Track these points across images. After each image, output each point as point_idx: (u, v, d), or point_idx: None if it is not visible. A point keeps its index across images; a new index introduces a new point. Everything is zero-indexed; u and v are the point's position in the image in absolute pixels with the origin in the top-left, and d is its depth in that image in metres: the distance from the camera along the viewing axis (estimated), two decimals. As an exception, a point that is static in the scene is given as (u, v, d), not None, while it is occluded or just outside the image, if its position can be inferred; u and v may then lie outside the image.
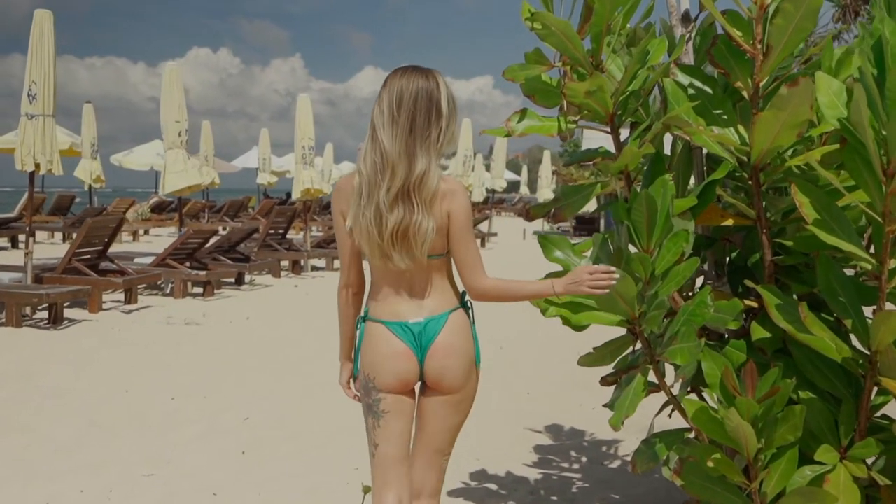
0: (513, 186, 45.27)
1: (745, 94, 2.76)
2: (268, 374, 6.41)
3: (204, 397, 5.65)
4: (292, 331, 8.33)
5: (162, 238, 20.93)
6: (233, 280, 11.75)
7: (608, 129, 2.90)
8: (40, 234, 20.51)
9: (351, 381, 2.71)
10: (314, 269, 14.22)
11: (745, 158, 2.75)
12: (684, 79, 2.91)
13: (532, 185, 43.09)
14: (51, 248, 17.62)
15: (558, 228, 30.61)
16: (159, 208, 25.62)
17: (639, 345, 2.94)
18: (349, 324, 2.64)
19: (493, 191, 26.66)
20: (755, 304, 2.90)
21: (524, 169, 45.11)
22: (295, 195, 13.90)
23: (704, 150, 3.02)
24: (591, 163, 3.26)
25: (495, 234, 23.17)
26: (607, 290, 2.41)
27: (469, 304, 2.57)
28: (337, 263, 14.59)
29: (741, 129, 2.82)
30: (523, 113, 2.84)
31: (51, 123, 8.66)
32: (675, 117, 2.67)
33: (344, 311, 2.64)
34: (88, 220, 9.19)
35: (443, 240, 2.43)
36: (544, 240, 2.83)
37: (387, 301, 2.49)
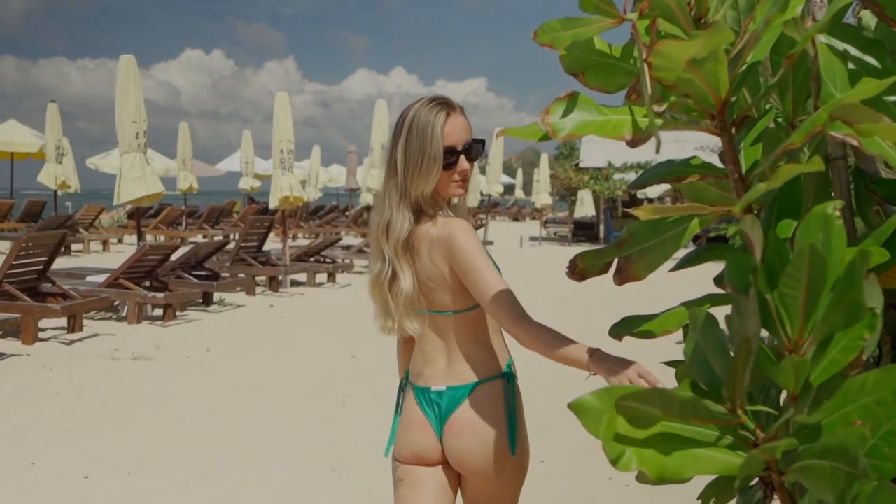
0: (507, 189, 44.23)
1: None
2: (216, 435, 5.16)
3: (128, 474, 4.41)
4: (257, 369, 7.08)
5: (136, 248, 19.63)
6: (200, 299, 10.51)
7: (713, 128, 1.68)
8: (2, 244, 19.20)
9: None
10: (294, 284, 12.95)
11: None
12: (832, 42, 1.70)
13: (527, 187, 41.93)
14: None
15: (555, 234, 29.43)
16: (136, 214, 24.36)
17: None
18: (403, 366, 2.39)
19: (489, 195, 25.51)
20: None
21: (519, 172, 43.96)
22: (272, 203, 12.63)
23: (850, 162, 1.82)
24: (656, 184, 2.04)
25: (491, 243, 21.97)
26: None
27: (511, 376, 2.20)
28: (319, 278, 13.39)
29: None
30: (572, 99, 1.60)
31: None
32: (849, 106, 1.46)
33: (399, 356, 2.42)
34: (22, 235, 7.92)
35: (447, 294, 2.13)
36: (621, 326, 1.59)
37: (417, 361, 2.24)
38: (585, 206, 26.87)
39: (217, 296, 10.81)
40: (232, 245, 12.91)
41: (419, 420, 2.18)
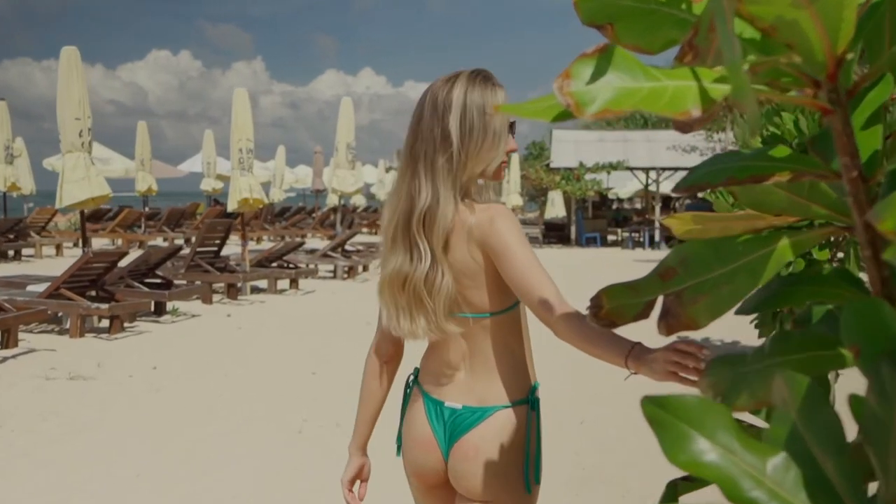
0: (476, 190, 43.65)
1: None
2: (155, 473, 4.51)
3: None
4: (207, 389, 6.44)
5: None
6: (152, 309, 9.81)
7: (817, 100, 1.10)
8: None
9: (358, 482, 2.14)
10: (254, 290, 12.28)
11: None
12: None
13: (496, 188, 41.33)
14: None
15: (525, 235, 28.83)
16: (95, 217, 23.49)
17: None
18: (370, 402, 2.12)
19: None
20: None
21: (488, 172, 43.44)
22: (231, 206, 11.96)
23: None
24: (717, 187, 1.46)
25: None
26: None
27: (535, 402, 1.95)
28: (281, 284, 12.74)
29: None
30: (605, 55, 0.99)
31: None
32: None
33: (367, 385, 2.12)
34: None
35: (483, 291, 1.88)
36: (658, 411, 1.00)
37: (433, 366, 2.00)
38: (556, 207, 26.42)
39: (170, 305, 10.12)
40: (187, 250, 12.21)
41: (426, 438, 1.99)
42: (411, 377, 2.08)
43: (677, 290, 1.16)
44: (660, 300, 1.20)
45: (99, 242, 21.24)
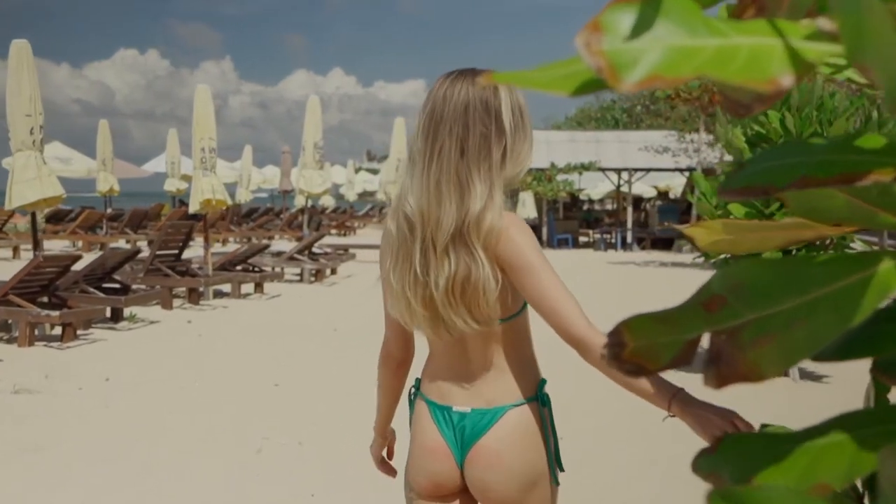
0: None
1: None
2: (96, 502, 4.14)
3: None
4: (162, 403, 6.04)
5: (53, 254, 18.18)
6: (108, 315, 9.37)
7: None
8: None
9: (385, 453, 2.19)
10: (217, 294, 11.86)
11: None
12: None
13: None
14: None
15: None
16: (55, 218, 22.87)
17: None
18: (389, 396, 2.11)
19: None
20: None
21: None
22: (193, 207, 11.55)
23: None
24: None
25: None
26: None
27: (546, 398, 1.92)
28: (245, 288, 12.31)
29: None
30: (651, 1, 0.69)
31: None
32: None
33: (384, 382, 2.09)
34: None
35: (500, 298, 1.80)
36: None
37: (437, 374, 1.95)
38: (527, 208, 26.19)
39: (127, 311, 9.68)
40: (147, 253, 11.76)
41: (438, 446, 1.91)
42: (412, 389, 2.04)
43: (730, 328, 0.81)
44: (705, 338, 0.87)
45: (59, 244, 20.64)
